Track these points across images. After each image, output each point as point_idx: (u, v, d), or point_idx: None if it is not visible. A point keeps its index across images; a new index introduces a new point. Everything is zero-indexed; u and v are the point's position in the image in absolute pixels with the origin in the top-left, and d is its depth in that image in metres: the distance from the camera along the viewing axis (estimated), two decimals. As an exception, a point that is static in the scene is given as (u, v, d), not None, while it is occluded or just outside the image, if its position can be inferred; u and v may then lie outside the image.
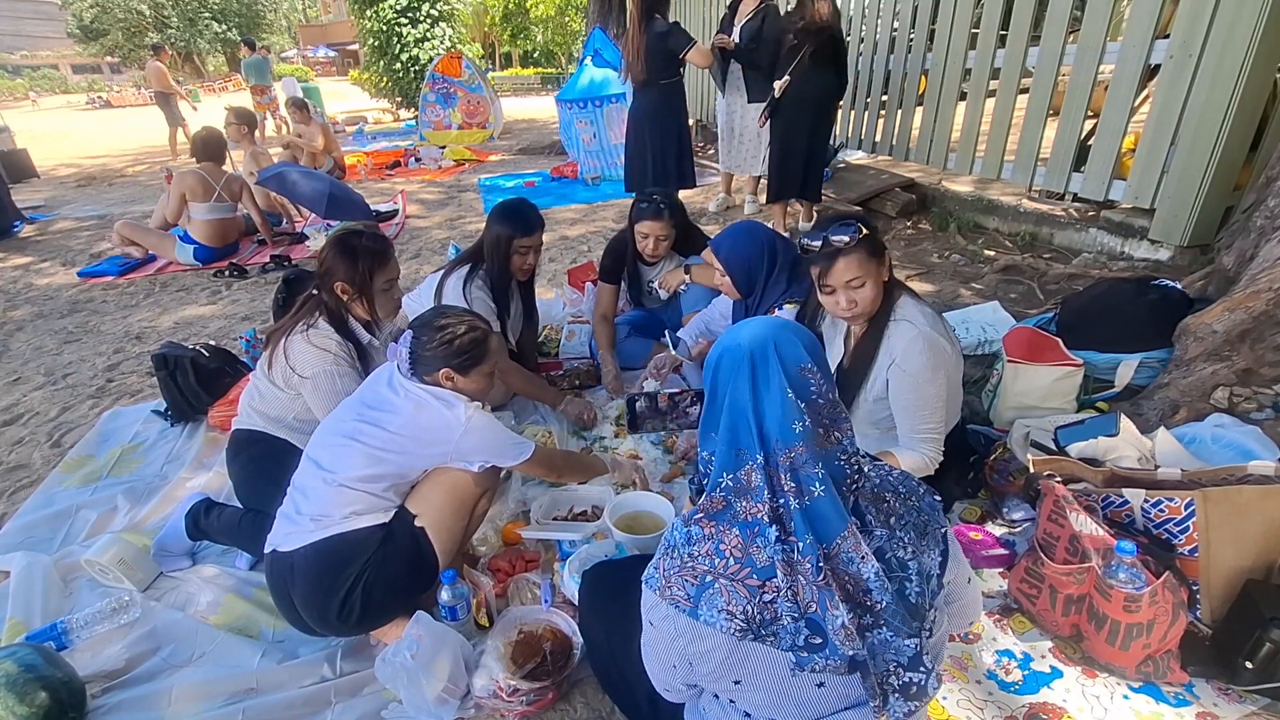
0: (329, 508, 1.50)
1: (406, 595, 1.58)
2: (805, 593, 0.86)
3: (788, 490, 0.87)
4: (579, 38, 22.10)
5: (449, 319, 1.60)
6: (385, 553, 1.52)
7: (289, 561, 1.51)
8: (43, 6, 39.18)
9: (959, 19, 4.41)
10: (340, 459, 1.52)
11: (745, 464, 0.90)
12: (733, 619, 0.86)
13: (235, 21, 25.63)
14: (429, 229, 5.54)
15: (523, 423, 2.52)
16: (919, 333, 1.66)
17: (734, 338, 0.96)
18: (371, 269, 1.90)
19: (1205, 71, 2.97)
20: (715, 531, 0.91)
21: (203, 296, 4.19)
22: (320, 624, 1.55)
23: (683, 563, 0.91)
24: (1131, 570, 1.36)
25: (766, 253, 2.21)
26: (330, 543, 1.49)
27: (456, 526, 1.61)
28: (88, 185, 8.45)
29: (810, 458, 0.88)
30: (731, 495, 0.91)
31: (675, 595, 0.90)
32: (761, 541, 0.88)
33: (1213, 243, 3.03)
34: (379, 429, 1.53)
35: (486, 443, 1.60)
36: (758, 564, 0.87)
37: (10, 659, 1.40)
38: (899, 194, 4.82)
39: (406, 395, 1.57)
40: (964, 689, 1.42)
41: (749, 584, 0.87)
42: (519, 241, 2.41)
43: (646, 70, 4.59)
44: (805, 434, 0.88)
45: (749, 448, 0.90)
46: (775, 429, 0.88)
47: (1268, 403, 1.98)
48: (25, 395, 3.05)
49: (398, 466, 1.55)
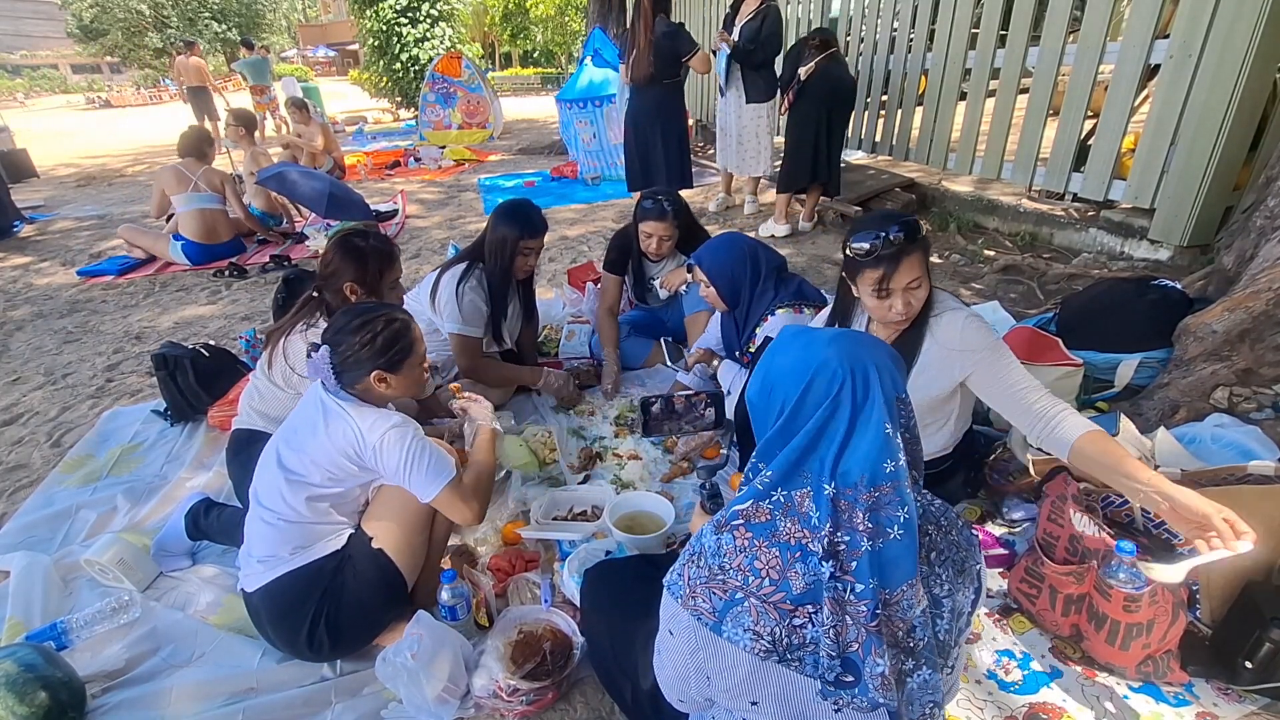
0: (273, 547, 1.48)
1: (379, 616, 1.56)
2: (849, 633, 0.81)
3: (861, 529, 0.81)
4: (579, 38, 22.10)
5: (364, 317, 1.48)
6: (342, 581, 1.48)
7: (252, 601, 1.52)
8: (43, 6, 39.18)
9: (959, 19, 4.42)
10: (272, 493, 1.47)
11: (803, 486, 0.84)
12: (759, 639, 0.82)
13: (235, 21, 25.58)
14: (429, 229, 5.54)
15: (523, 423, 2.52)
16: (967, 313, 1.60)
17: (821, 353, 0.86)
18: (382, 269, 1.91)
19: (1205, 71, 2.98)
20: (750, 545, 0.85)
21: (202, 296, 4.19)
22: (298, 657, 1.56)
23: (711, 573, 0.86)
24: (1131, 570, 1.36)
25: (749, 261, 2.20)
26: (280, 583, 1.47)
27: (416, 541, 1.55)
28: (87, 185, 8.45)
29: (897, 499, 0.82)
30: (779, 513, 0.85)
31: (699, 607, 0.86)
32: (801, 568, 0.83)
33: (1213, 243, 3.03)
34: (299, 454, 1.47)
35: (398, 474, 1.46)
36: (793, 590, 0.83)
37: (10, 659, 1.40)
38: (899, 194, 4.82)
39: (323, 414, 1.48)
40: (964, 689, 1.42)
41: (781, 607, 0.83)
42: (525, 243, 2.41)
43: (653, 67, 4.59)
44: (897, 474, 0.82)
45: (817, 473, 0.83)
46: (863, 465, 0.81)
47: (1268, 403, 1.98)
48: (25, 395, 3.05)
49: (329, 489, 1.48)
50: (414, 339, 1.53)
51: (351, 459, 1.46)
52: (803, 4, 6.20)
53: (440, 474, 1.48)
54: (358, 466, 1.47)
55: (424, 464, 1.46)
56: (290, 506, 1.45)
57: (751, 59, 4.54)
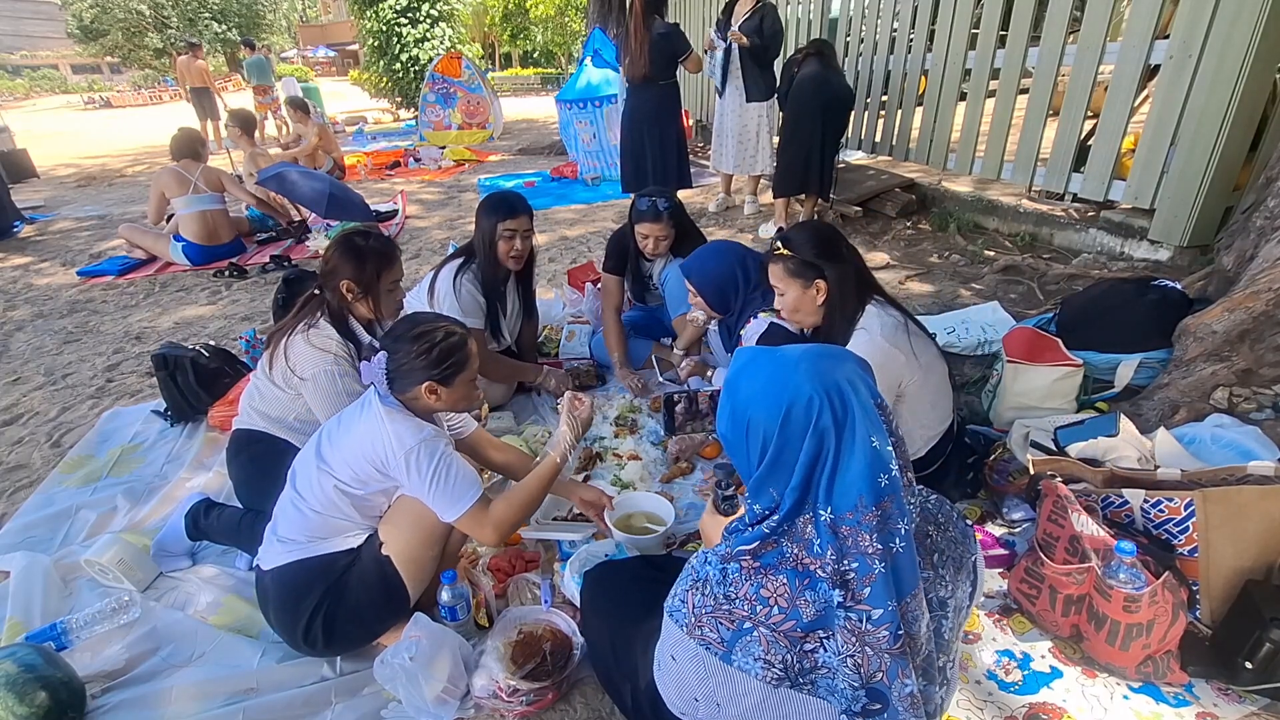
0: (295, 531, 1.49)
1: (374, 625, 1.56)
2: (872, 663, 0.80)
3: (870, 552, 0.79)
4: (579, 38, 22.11)
5: (424, 327, 1.48)
6: (347, 580, 1.48)
7: (264, 581, 1.53)
8: (43, 6, 39.18)
9: (959, 19, 4.42)
10: (307, 479, 1.49)
11: (805, 514, 0.82)
12: (770, 668, 0.81)
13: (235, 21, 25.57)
14: (428, 229, 5.54)
15: (522, 423, 2.52)
16: (869, 339, 1.69)
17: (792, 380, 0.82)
18: (379, 269, 1.91)
19: (1205, 72, 2.98)
20: (756, 574, 0.83)
21: (202, 297, 4.19)
22: (292, 647, 1.57)
23: (717, 603, 0.84)
24: (1131, 570, 1.36)
25: (739, 269, 2.20)
26: (292, 568, 1.48)
27: (425, 557, 1.53)
28: (87, 185, 8.45)
29: (898, 511, 0.80)
30: (785, 539, 0.83)
31: (707, 636, 0.84)
32: (811, 595, 0.81)
33: (1212, 243, 3.03)
34: (335, 448, 1.48)
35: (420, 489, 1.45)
36: (804, 618, 0.81)
37: (10, 659, 1.40)
38: (899, 194, 4.82)
39: (362, 414, 1.49)
40: (964, 689, 1.42)
41: (792, 635, 0.81)
42: (504, 225, 2.39)
43: (649, 67, 4.59)
44: (893, 486, 0.80)
45: (814, 501, 0.82)
46: (859, 485, 0.79)
47: (1267, 403, 1.98)
48: (25, 395, 3.05)
49: (353, 489, 1.47)
50: (469, 354, 1.52)
51: (376, 465, 1.45)
52: (802, 4, 6.20)
53: (465, 495, 1.46)
54: (380, 473, 1.46)
55: (450, 483, 1.45)
56: (318, 496, 1.47)
57: (764, 55, 4.55)
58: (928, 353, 1.77)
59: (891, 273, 3.85)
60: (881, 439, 0.80)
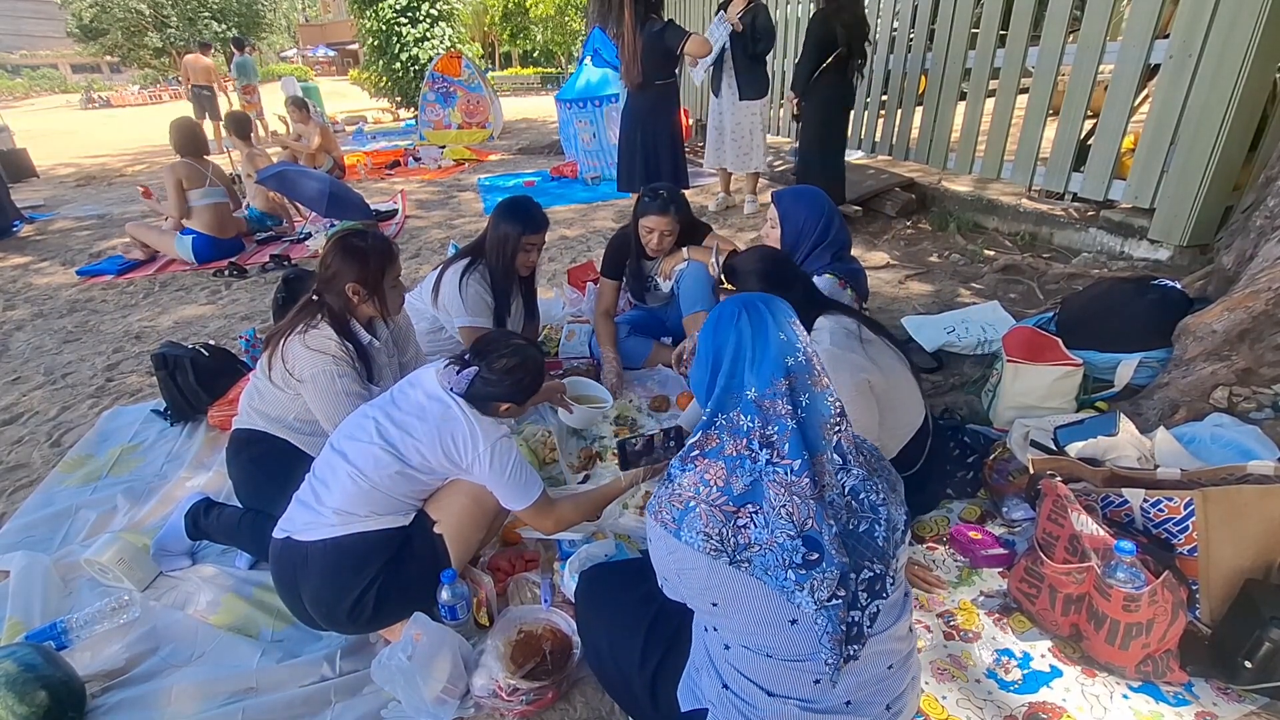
0: (354, 505, 1.49)
1: (417, 600, 1.57)
2: (801, 510, 0.95)
3: (784, 413, 0.97)
4: (578, 37, 22.10)
5: (517, 358, 1.58)
6: (403, 556, 1.53)
7: (304, 552, 1.50)
8: (43, 6, 39.17)
9: (959, 19, 4.42)
10: (366, 457, 1.51)
11: (736, 406, 1.00)
12: (709, 539, 0.95)
13: (235, 21, 25.55)
14: (428, 229, 5.54)
15: (522, 423, 2.52)
16: (820, 348, 1.69)
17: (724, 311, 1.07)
18: (383, 268, 1.91)
19: (1205, 71, 2.98)
20: (703, 465, 1.00)
21: (202, 296, 4.19)
22: (327, 621, 1.55)
23: (672, 492, 1.02)
24: (1131, 570, 1.36)
25: (822, 221, 2.25)
26: (351, 540, 1.49)
27: (474, 538, 1.63)
28: (87, 185, 8.45)
29: (801, 386, 0.99)
30: (725, 434, 1.00)
31: (664, 519, 1.01)
32: (742, 472, 0.97)
33: (1212, 243, 3.03)
34: (404, 434, 1.52)
35: (495, 480, 1.56)
36: (734, 491, 0.97)
37: (10, 659, 1.40)
38: (899, 194, 4.82)
39: (443, 410, 1.54)
40: (963, 688, 1.43)
41: (725, 509, 0.97)
42: (526, 239, 2.43)
43: (643, 72, 4.60)
44: (798, 367, 1.00)
45: (739, 386, 1.00)
46: (771, 363, 0.99)
47: (1267, 403, 1.98)
48: (25, 395, 3.05)
49: (420, 475, 1.54)
50: (543, 380, 1.68)
51: (453, 458, 1.53)
52: (802, 4, 6.19)
53: (531, 489, 1.61)
54: (452, 464, 1.54)
55: (521, 478, 1.58)
56: (381, 475, 1.50)
57: (754, 48, 4.56)
58: (885, 356, 1.77)
59: (891, 272, 3.85)
60: (789, 334, 1.02)
